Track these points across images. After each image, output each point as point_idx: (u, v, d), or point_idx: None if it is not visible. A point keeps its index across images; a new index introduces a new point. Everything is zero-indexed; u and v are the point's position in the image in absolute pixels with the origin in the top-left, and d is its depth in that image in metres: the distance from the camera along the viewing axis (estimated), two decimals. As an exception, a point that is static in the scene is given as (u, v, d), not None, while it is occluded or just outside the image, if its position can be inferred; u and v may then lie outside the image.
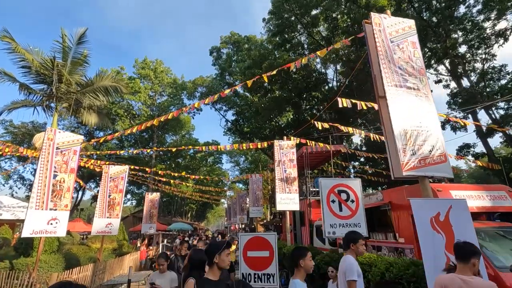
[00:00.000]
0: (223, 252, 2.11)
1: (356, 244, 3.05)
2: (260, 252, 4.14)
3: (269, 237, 4.16)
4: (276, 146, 10.73)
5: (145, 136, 38.55)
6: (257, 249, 4.16)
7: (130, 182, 41.99)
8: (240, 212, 22.70)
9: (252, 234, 4.25)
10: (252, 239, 4.23)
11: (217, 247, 2.13)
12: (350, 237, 3.14)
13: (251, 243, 4.22)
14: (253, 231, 31.34)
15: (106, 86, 13.72)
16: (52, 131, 7.06)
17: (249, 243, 4.22)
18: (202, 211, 65.78)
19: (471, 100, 14.50)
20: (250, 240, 4.23)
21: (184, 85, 33.46)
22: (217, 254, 2.09)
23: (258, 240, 4.20)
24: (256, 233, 4.30)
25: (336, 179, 3.93)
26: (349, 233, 3.19)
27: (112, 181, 10.47)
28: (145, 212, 17.25)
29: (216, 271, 2.09)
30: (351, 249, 3.05)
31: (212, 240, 2.40)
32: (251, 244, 4.21)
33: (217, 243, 2.22)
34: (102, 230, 9.72)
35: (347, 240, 3.10)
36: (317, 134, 18.23)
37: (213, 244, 2.24)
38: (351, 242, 3.07)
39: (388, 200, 5.91)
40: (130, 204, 52.13)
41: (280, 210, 10.93)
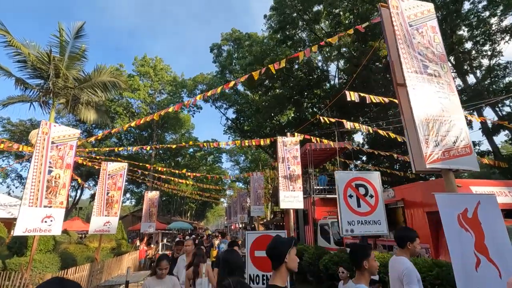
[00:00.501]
0: (292, 250, 1.73)
1: (413, 242, 2.58)
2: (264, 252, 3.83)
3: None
4: (280, 142, 10.43)
5: (145, 135, 38.22)
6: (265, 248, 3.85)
7: (129, 181, 41.69)
8: (241, 211, 22.41)
9: (260, 232, 3.94)
10: (260, 238, 3.92)
11: (286, 244, 1.75)
12: (405, 234, 2.65)
13: (259, 242, 3.91)
14: (253, 230, 31.06)
15: (104, 82, 13.39)
16: (47, 124, 6.73)
17: (257, 242, 3.92)
18: (202, 210, 65.46)
19: (477, 97, 14.21)
20: (258, 239, 3.93)
21: (184, 83, 33.10)
22: (287, 254, 1.70)
23: (267, 238, 3.89)
24: (265, 231, 3.99)
25: (353, 172, 3.63)
26: (404, 230, 2.74)
27: (111, 178, 10.15)
28: (145, 211, 16.94)
29: (285, 275, 1.71)
30: (407, 248, 2.57)
31: (276, 237, 1.90)
32: (259, 243, 3.91)
33: (284, 240, 1.82)
34: (100, 229, 9.41)
35: (402, 238, 2.62)
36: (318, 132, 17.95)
37: (280, 240, 1.82)
38: (407, 240, 2.58)
39: (400, 197, 5.61)
40: (130, 203, 51.81)
41: (282, 209, 10.61)
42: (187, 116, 41.16)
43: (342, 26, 18.45)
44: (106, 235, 12.69)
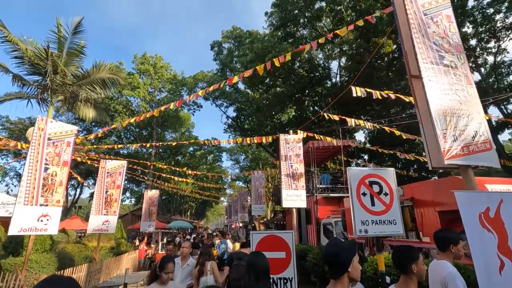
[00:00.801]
0: (355, 258, 1.50)
1: (457, 245, 2.34)
2: (275, 253, 3.63)
3: (286, 236, 3.65)
4: (282, 140, 10.22)
5: (144, 134, 38.01)
6: (272, 249, 3.65)
7: (129, 179, 41.50)
8: (242, 210, 22.21)
9: (265, 232, 3.73)
10: (266, 238, 3.71)
11: (350, 251, 1.51)
12: (448, 236, 2.37)
13: (265, 243, 3.70)
14: (253, 229, 30.87)
15: (103, 78, 13.16)
16: (43, 120, 6.51)
17: (262, 243, 3.71)
18: (202, 209, 65.31)
19: (481, 96, 13.99)
20: (263, 240, 3.71)
21: (184, 81, 32.84)
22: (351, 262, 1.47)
23: (273, 239, 3.69)
24: (270, 231, 3.78)
25: (367, 169, 3.42)
26: (446, 232, 2.45)
27: (109, 176, 9.94)
28: (144, 210, 16.73)
29: (347, 286, 1.47)
30: (449, 251, 2.32)
31: (337, 241, 1.60)
32: (264, 243, 3.70)
33: (347, 246, 1.55)
34: (99, 228, 9.20)
35: (444, 240, 2.36)
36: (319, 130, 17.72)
37: (342, 246, 1.54)
38: (450, 243, 2.33)
39: (410, 195, 5.40)
40: (129, 202, 51.66)
41: (284, 208, 10.40)
42: (187, 114, 40.94)
43: (344, 23, 18.23)
44: (105, 234, 12.49)
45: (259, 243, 3.72)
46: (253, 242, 3.74)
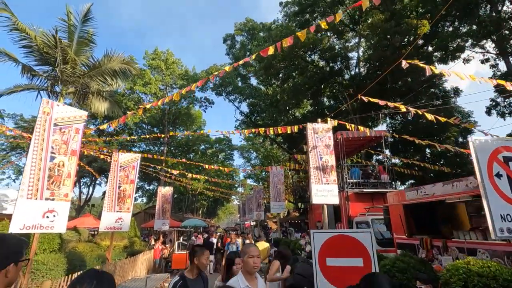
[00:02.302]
0: None
1: None
2: (348, 260, 2.68)
3: (362, 237, 2.69)
4: (310, 129, 9.25)
5: (156, 131, 37.60)
6: (343, 254, 2.70)
7: (141, 177, 41.22)
8: (257, 208, 21.30)
9: (332, 231, 2.77)
10: (334, 240, 2.76)
11: None
12: None
13: (332, 246, 2.75)
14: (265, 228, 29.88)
15: (114, 69, 12.46)
16: (49, 103, 5.73)
17: (329, 245, 2.76)
18: (213, 208, 64.86)
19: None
20: (330, 241, 2.77)
21: (196, 76, 32.17)
22: None
23: (344, 240, 2.73)
24: (340, 231, 2.80)
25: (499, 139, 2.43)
26: None
27: (122, 170, 9.18)
28: (158, 207, 16.04)
29: None
30: None
31: None
32: (332, 246, 2.75)
33: None
34: (112, 226, 8.44)
35: None
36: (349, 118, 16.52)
37: None
38: None
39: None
40: (141, 201, 51.60)
41: (304, 205, 9.43)
42: (199, 112, 40.40)
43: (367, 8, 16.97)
44: (118, 233, 11.81)
45: (324, 246, 2.77)
46: (315, 245, 2.80)
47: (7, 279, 1.27)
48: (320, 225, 12.29)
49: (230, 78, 26.19)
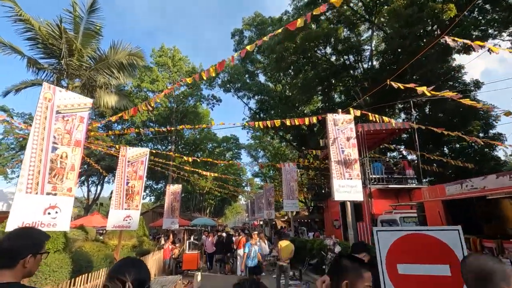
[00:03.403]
0: None
1: None
2: (428, 268, 2.03)
3: (447, 236, 2.04)
4: (330, 121, 8.60)
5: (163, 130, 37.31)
6: (421, 259, 2.06)
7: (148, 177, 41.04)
8: (268, 206, 20.69)
9: (403, 229, 2.12)
10: (406, 240, 2.12)
11: None
12: None
13: (405, 248, 2.11)
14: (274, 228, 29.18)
15: (121, 61, 11.99)
16: (51, 88, 5.21)
17: (400, 248, 2.12)
18: (221, 207, 64.41)
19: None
20: (401, 242, 2.13)
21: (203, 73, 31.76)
22: None
23: (421, 241, 2.09)
24: (415, 228, 2.12)
25: None
26: None
27: (131, 165, 8.66)
28: (167, 206, 15.57)
29: None
30: None
31: None
32: (404, 249, 2.11)
33: None
34: (120, 224, 7.94)
35: None
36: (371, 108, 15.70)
37: None
38: None
39: None
40: (149, 201, 51.51)
41: (337, 200, 8.77)
42: (206, 111, 40.02)
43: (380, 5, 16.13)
44: (126, 232, 11.32)
45: (393, 248, 2.13)
46: (381, 248, 2.16)
47: (25, 269, 1.37)
48: (338, 224, 11.61)
49: (239, 75, 25.59)
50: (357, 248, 2.75)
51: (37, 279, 5.36)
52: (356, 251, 2.72)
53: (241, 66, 27.43)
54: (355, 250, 2.75)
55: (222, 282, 9.61)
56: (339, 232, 10.98)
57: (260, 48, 25.96)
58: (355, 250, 2.74)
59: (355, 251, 2.73)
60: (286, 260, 7.80)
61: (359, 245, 2.77)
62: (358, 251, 2.69)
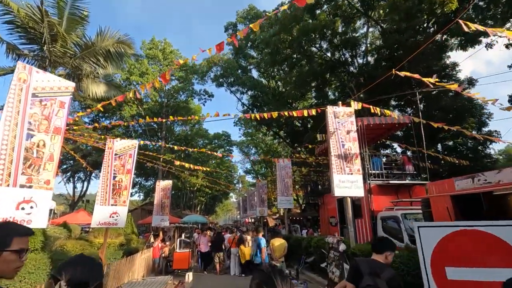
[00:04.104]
0: None
1: None
2: (485, 272, 1.63)
3: (507, 233, 1.65)
4: (330, 113, 8.24)
5: (153, 126, 36.37)
6: (475, 262, 1.66)
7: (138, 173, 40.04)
8: (261, 203, 20.32)
9: (453, 224, 1.73)
10: (456, 238, 1.73)
11: None
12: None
13: (455, 248, 1.71)
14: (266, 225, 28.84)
15: (108, 49, 11.31)
16: (26, 68, 4.62)
17: (449, 247, 1.73)
18: (212, 205, 63.76)
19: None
20: (449, 240, 1.74)
21: (195, 68, 30.99)
22: None
23: (475, 239, 1.70)
24: (465, 223, 1.70)
25: None
26: None
27: (118, 158, 8.07)
28: (157, 202, 14.97)
29: None
30: None
31: None
32: (454, 249, 1.71)
33: None
34: (106, 221, 7.37)
35: None
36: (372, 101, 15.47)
37: None
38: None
39: None
40: (138, 197, 50.47)
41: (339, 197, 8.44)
42: (198, 106, 39.27)
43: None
44: (113, 229, 10.72)
45: (439, 248, 1.74)
46: (424, 247, 1.76)
47: None
48: (335, 221, 11.31)
49: (232, 69, 25.02)
50: (381, 246, 2.33)
51: (10, 281, 4.80)
52: (379, 249, 2.31)
53: (234, 60, 26.87)
54: (378, 248, 2.33)
55: (215, 282, 9.16)
56: (336, 229, 10.68)
57: (254, 43, 25.49)
58: (378, 249, 2.32)
59: (378, 249, 2.32)
60: (280, 259, 7.45)
61: (384, 243, 2.35)
62: (381, 250, 2.28)
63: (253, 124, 37.51)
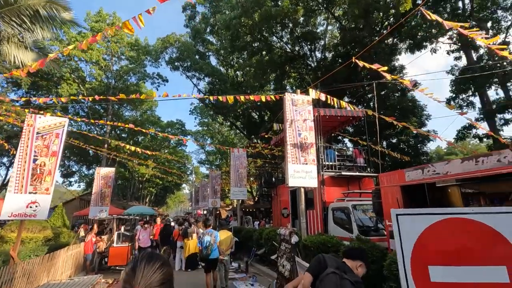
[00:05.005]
0: None
1: None
2: (476, 271, 1.26)
3: (500, 222, 1.32)
4: (288, 100, 7.93)
5: (98, 109, 32.99)
6: (464, 259, 1.29)
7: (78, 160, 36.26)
8: (213, 195, 19.65)
9: (439, 212, 1.34)
10: (441, 229, 1.36)
11: None
12: None
13: (442, 241, 1.33)
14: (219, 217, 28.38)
15: (36, 8, 9.48)
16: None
17: (435, 240, 1.34)
18: (162, 196, 60.93)
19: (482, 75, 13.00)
20: (435, 231, 1.36)
21: (148, 48, 28.59)
22: None
23: (463, 230, 1.35)
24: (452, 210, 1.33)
25: None
26: None
27: (41, 138, 6.70)
28: (95, 192, 13.44)
29: None
30: None
31: None
32: (441, 242, 1.33)
33: None
34: (21, 212, 6.06)
35: None
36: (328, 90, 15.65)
37: None
38: None
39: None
40: (78, 187, 45.91)
41: (293, 187, 8.24)
42: (150, 91, 36.56)
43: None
44: (37, 222, 9.23)
45: (422, 242, 1.35)
46: (404, 241, 1.37)
47: None
48: (286, 213, 11.22)
49: (189, 52, 23.54)
50: (352, 253, 2.02)
51: None
52: (351, 255, 2.00)
53: (191, 44, 25.36)
54: (351, 254, 2.02)
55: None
56: (288, 221, 10.60)
57: (214, 28, 24.30)
58: (351, 255, 2.01)
59: (350, 255, 2.00)
60: (226, 252, 7.04)
61: (355, 252, 2.05)
62: (354, 257, 1.97)
63: (210, 113, 36.30)
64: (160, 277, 0.95)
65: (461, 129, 15.29)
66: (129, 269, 0.97)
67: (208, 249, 6.42)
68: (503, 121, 14.64)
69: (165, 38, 23.74)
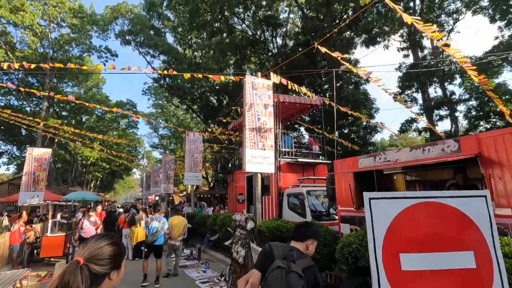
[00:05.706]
0: None
1: None
2: (446, 257, 1.19)
3: (470, 207, 1.26)
4: (248, 83, 7.65)
5: (32, 82, 28.94)
6: (434, 246, 1.20)
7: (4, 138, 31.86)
8: (166, 180, 18.79)
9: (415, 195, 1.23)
10: (416, 212, 1.25)
11: None
12: None
13: (415, 227, 1.23)
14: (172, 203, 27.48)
15: None
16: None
17: (408, 226, 1.23)
18: (110, 181, 56.88)
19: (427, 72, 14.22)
20: (408, 216, 1.24)
21: (95, 17, 25.57)
22: None
23: (435, 215, 1.25)
24: (431, 194, 1.22)
25: None
26: None
27: None
28: (26, 175, 11.77)
29: None
30: None
31: None
32: (413, 228, 1.22)
33: None
34: None
35: None
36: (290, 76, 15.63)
37: None
38: None
39: (473, 150, 3.75)
40: (6, 171, 40.45)
41: (250, 172, 8.10)
42: (98, 66, 33.14)
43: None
44: None
45: (393, 225, 1.23)
46: (376, 228, 1.24)
47: None
48: (242, 198, 11.15)
49: (142, 26, 21.61)
50: (299, 235, 1.80)
51: None
52: (299, 236, 1.80)
53: (146, 18, 23.32)
54: (299, 235, 1.81)
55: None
56: (243, 206, 10.55)
57: (171, 2, 22.59)
58: (299, 236, 1.80)
59: (298, 236, 1.79)
60: (179, 237, 6.79)
61: (307, 230, 1.82)
62: (302, 237, 1.77)
63: (165, 95, 34.37)
64: (105, 252, 1.03)
65: (404, 122, 16.65)
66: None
67: (154, 236, 6.08)
68: (438, 117, 16.36)
69: (115, 7, 21.39)
